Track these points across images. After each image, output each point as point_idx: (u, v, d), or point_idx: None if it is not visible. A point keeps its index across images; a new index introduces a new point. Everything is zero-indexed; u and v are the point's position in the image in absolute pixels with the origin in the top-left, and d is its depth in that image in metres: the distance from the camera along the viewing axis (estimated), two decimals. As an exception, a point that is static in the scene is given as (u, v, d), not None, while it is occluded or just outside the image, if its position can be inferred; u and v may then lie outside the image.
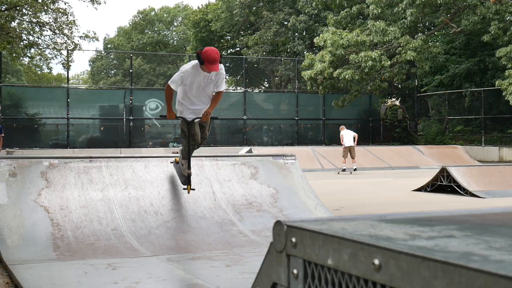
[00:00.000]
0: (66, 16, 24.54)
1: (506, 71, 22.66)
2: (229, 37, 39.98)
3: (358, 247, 0.97)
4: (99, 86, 52.12)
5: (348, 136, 18.95)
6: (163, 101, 28.16)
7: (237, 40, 38.20)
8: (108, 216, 6.02)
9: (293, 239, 1.14)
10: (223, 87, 6.35)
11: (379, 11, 24.25)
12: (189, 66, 6.12)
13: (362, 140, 30.69)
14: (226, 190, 6.94)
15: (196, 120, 6.28)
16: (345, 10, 26.56)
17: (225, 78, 6.45)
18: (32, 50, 25.75)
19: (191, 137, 6.34)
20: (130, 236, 5.76)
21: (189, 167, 6.45)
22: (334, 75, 24.54)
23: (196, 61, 6.12)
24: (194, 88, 6.17)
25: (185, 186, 6.41)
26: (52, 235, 5.54)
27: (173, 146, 26.33)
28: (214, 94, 6.34)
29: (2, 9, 22.77)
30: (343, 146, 19.01)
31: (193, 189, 6.38)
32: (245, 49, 36.46)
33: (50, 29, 24.42)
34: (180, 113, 6.32)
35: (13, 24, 24.14)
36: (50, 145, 25.71)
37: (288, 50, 34.43)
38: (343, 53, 24.00)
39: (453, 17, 25.57)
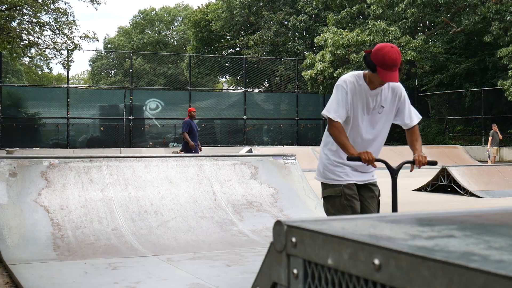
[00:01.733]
0: (66, 16, 24.55)
1: (509, 71, 22.66)
2: (229, 37, 39.98)
3: (358, 247, 0.97)
4: (99, 86, 52.12)
5: None
6: (163, 101, 28.20)
7: (237, 40, 38.20)
8: (108, 216, 6.02)
9: (293, 239, 1.14)
10: (417, 116, 3.93)
11: (380, 11, 24.26)
12: (351, 77, 3.70)
13: (362, 140, 30.71)
14: (226, 190, 6.94)
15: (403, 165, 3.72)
16: (345, 10, 26.56)
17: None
18: (32, 50, 25.76)
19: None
20: (130, 236, 5.76)
21: None
22: (335, 75, 24.54)
23: (357, 72, 3.73)
24: (358, 117, 3.69)
25: None
26: (52, 234, 5.54)
27: (173, 146, 26.33)
28: (407, 129, 3.94)
29: (2, 9, 22.77)
30: None
31: None
32: (245, 49, 36.46)
33: (50, 29, 24.42)
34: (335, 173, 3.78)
35: (13, 24, 24.15)
36: (50, 145, 25.71)
37: (288, 50, 34.43)
38: (343, 53, 24.00)
39: (453, 17, 25.57)
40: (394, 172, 3.74)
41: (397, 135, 31.20)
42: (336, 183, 3.77)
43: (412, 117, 3.87)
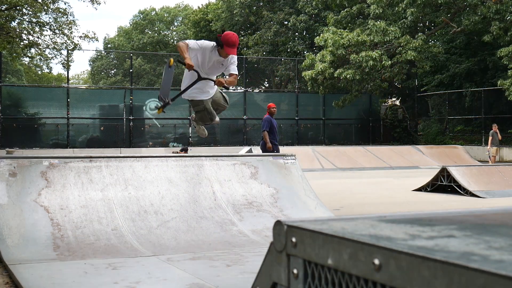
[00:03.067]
0: (66, 16, 24.55)
1: (509, 71, 22.66)
2: (229, 37, 39.94)
3: (358, 247, 0.97)
4: (99, 86, 52.12)
5: None
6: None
7: (237, 40, 38.18)
8: (108, 216, 6.02)
9: (293, 239, 1.14)
10: (235, 70, 6.44)
11: (380, 11, 24.26)
12: (207, 43, 6.29)
13: (362, 140, 30.70)
14: (226, 190, 6.94)
15: (207, 79, 6.43)
16: (345, 9, 26.55)
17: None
18: (32, 50, 25.75)
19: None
20: (130, 236, 5.76)
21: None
22: (335, 75, 24.54)
23: (213, 43, 6.27)
24: (202, 68, 6.34)
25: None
26: (52, 234, 5.54)
27: (173, 146, 26.33)
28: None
29: (2, 8, 22.77)
30: None
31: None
32: (245, 49, 36.46)
33: (50, 29, 24.43)
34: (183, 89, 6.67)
35: (13, 24, 24.15)
36: (50, 145, 25.72)
37: (288, 50, 34.43)
38: (343, 53, 24.00)
39: (453, 16, 25.57)
40: (200, 78, 6.48)
41: (397, 135, 31.21)
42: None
43: (231, 71, 6.43)
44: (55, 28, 24.35)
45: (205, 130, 7.24)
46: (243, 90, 30.41)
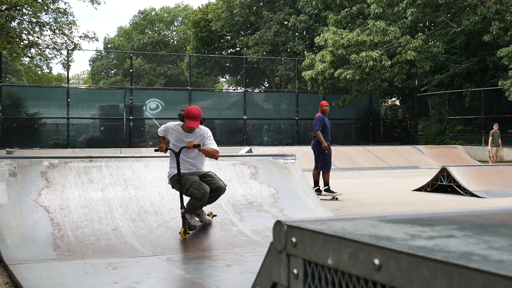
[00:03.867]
0: (66, 16, 24.54)
1: (509, 71, 22.66)
2: (229, 37, 39.98)
3: (358, 247, 0.97)
4: (99, 86, 52.12)
5: None
6: (163, 101, 28.22)
7: (237, 40, 38.21)
8: (108, 216, 6.02)
9: (293, 239, 1.14)
10: (214, 146, 6.13)
11: (380, 11, 24.26)
12: (171, 123, 6.36)
13: (362, 140, 30.71)
14: (226, 190, 6.94)
15: (183, 148, 6.07)
16: (345, 10, 26.56)
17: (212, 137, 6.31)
18: (32, 50, 25.74)
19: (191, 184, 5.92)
20: (130, 236, 5.76)
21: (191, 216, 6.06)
22: (335, 75, 24.53)
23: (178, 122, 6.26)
24: (178, 146, 6.13)
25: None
26: (52, 234, 5.54)
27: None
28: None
29: (2, 9, 22.77)
30: None
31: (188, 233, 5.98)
32: (245, 49, 36.46)
33: (50, 29, 24.43)
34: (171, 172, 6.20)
35: (13, 24, 24.14)
36: (50, 145, 25.71)
37: (288, 50, 34.43)
38: (343, 53, 24.00)
39: (453, 16, 25.57)
40: (178, 152, 6.08)
41: (397, 135, 31.21)
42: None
43: (214, 146, 6.15)
44: (55, 28, 24.35)
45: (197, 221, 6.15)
46: (243, 90, 30.41)
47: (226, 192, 6.94)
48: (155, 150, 6.51)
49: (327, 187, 10.65)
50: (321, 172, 10.80)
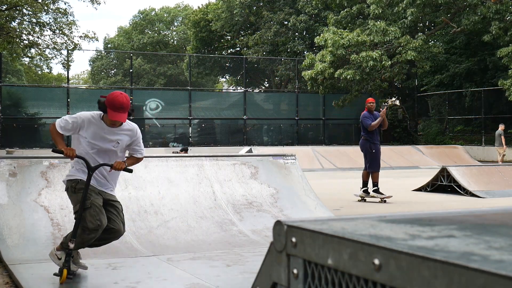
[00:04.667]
0: (66, 16, 24.55)
1: (509, 71, 22.66)
2: (229, 37, 39.98)
3: (358, 247, 0.97)
4: (99, 86, 52.11)
5: None
6: (163, 101, 28.21)
7: (237, 40, 38.20)
8: (108, 216, 6.02)
9: (293, 239, 1.14)
10: (142, 152, 4.82)
11: (380, 11, 24.26)
12: (88, 114, 4.56)
13: (362, 140, 30.69)
14: (226, 190, 6.94)
15: (104, 167, 4.51)
16: (345, 10, 26.56)
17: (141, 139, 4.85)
18: (32, 50, 25.76)
19: (91, 205, 4.35)
20: (130, 236, 5.76)
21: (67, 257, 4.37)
22: (335, 75, 24.54)
23: (98, 112, 4.57)
24: (95, 147, 4.51)
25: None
26: (52, 234, 5.54)
27: (173, 146, 26.33)
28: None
29: (2, 9, 22.77)
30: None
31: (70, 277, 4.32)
32: (245, 49, 36.46)
33: (50, 29, 24.43)
34: (73, 173, 4.56)
35: (13, 24, 24.15)
36: (50, 145, 25.68)
37: (288, 50, 34.43)
38: (343, 53, 24.00)
39: (453, 16, 25.58)
40: (91, 170, 4.43)
41: (397, 135, 31.21)
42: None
43: (142, 152, 4.81)
44: (55, 28, 24.35)
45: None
46: (243, 90, 30.42)
47: (226, 192, 6.92)
48: (54, 150, 4.51)
49: (376, 188, 10.05)
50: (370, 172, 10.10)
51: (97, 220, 4.29)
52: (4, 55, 26.01)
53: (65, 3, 36.20)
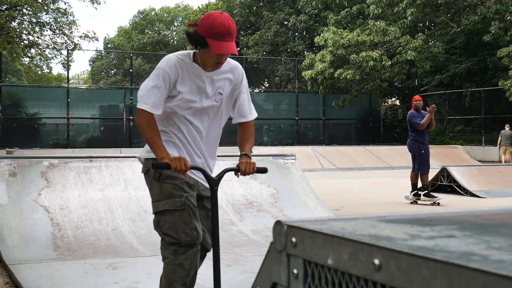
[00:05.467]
0: (66, 16, 24.55)
1: (510, 71, 22.67)
2: (229, 37, 39.96)
3: (358, 247, 0.97)
4: (99, 86, 52.11)
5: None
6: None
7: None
8: (108, 216, 6.02)
9: (293, 239, 1.14)
10: (253, 110, 3.37)
11: (380, 11, 24.27)
12: (173, 56, 2.93)
13: (362, 140, 30.70)
14: (226, 190, 6.94)
15: (223, 174, 3.00)
16: (345, 10, 26.57)
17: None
18: (32, 50, 25.76)
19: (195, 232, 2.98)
20: (130, 236, 5.76)
21: None
22: (335, 75, 24.54)
23: (185, 51, 2.95)
24: (191, 105, 2.94)
25: None
26: (52, 234, 5.54)
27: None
28: (241, 123, 3.36)
29: (2, 9, 22.77)
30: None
31: None
32: (245, 49, 36.47)
33: (50, 29, 24.43)
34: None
35: (13, 24, 24.15)
36: (50, 145, 25.72)
37: (288, 50, 34.43)
38: (343, 53, 24.01)
39: (453, 16, 25.58)
40: (213, 183, 2.99)
41: (397, 135, 31.21)
42: None
43: (252, 109, 3.29)
44: (55, 28, 24.35)
45: None
46: (243, 90, 30.42)
47: (226, 192, 6.93)
48: (155, 166, 2.90)
49: (426, 191, 9.78)
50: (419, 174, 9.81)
51: (193, 230, 2.97)
52: (4, 55, 26.02)
53: (65, 3, 36.25)
